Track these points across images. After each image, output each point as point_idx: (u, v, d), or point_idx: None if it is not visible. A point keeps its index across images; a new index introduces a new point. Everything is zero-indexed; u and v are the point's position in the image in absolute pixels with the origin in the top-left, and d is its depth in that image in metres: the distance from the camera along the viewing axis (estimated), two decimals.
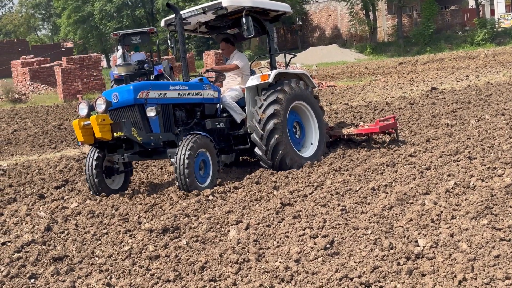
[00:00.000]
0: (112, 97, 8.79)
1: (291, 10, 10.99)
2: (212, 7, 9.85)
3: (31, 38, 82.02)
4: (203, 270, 5.55)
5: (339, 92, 22.16)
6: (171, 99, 9.29)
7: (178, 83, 9.57)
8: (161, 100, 9.05)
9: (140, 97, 8.72)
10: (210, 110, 9.97)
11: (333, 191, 7.83)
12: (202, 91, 9.79)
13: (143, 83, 8.97)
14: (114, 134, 8.47)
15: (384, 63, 36.82)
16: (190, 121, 9.75)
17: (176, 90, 9.39)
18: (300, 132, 10.63)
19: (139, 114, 8.78)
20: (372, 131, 10.84)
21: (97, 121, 8.32)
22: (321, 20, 59.80)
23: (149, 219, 7.52)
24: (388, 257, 5.40)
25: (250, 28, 9.80)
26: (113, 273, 5.75)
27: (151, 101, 8.86)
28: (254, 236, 6.34)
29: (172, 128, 9.28)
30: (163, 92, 9.13)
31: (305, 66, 40.14)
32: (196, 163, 8.67)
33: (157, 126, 8.96)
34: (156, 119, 8.88)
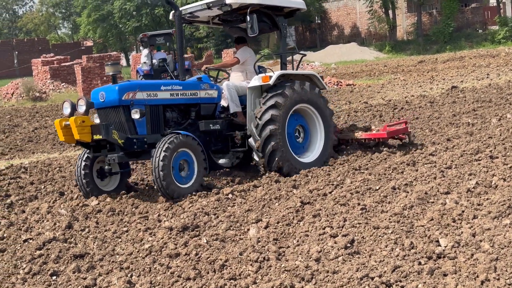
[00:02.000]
0: (99, 96, 8.64)
1: (304, 6, 10.60)
2: (216, 3, 9.59)
3: (52, 37, 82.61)
4: (223, 269, 5.55)
5: (358, 91, 22.08)
6: (161, 100, 9.04)
7: (171, 83, 9.33)
8: (149, 101, 8.83)
9: (126, 98, 8.52)
10: (207, 110, 9.69)
11: (353, 190, 7.80)
12: (198, 91, 9.48)
13: (131, 83, 8.80)
14: (94, 137, 8.35)
15: (404, 61, 36.62)
16: (184, 122, 9.51)
17: (168, 91, 9.12)
18: (304, 136, 10.17)
19: (123, 115, 8.59)
20: (380, 136, 10.40)
21: (75, 122, 8.20)
22: (340, 19, 59.60)
23: (169, 217, 7.55)
24: (409, 257, 5.37)
25: (254, 27, 9.41)
26: (133, 271, 5.78)
27: (138, 102, 8.64)
28: (274, 235, 6.33)
29: (161, 129, 9.03)
30: (152, 92, 8.89)
31: (324, 64, 40.06)
32: (175, 164, 8.37)
33: (143, 128, 8.77)
34: (142, 120, 8.67)
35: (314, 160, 9.86)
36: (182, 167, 8.54)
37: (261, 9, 9.89)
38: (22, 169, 11.39)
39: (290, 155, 9.48)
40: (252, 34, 9.54)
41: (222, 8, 9.58)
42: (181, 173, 8.50)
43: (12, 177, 10.63)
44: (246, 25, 9.48)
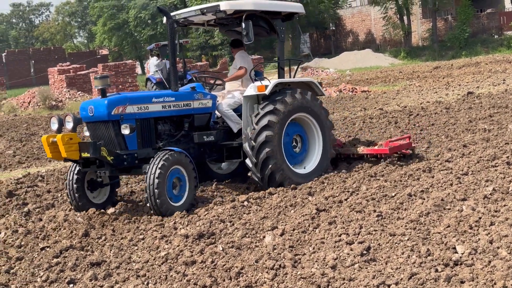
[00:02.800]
0: (88, 110, 8.31)
1: (303, 10, 10.26)
2: (211, 9, 9.23)
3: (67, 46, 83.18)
4: (239, 276, 5.56)
5: (373, 97, 22.02)
6: (153, 113, 8.68)
7: (163, 94, 8.95)
8: (140, 115, 8.49)
9: (116, 113, 8.17)
10: (201, 121, 9.34)
11: (369, 197, 7.78)
12: (192, 101, 9.11)
13: (121, 97, 8.40)
14: (82, 154, 8.09)
15: (419, 67, 36.48)
16: (177, 134, 9.18)
17: (160, 103, 8.74)
18: (302, 146, 9.83)
19: (113, 130, 8.25)
20: (382, 152, 9.98)
21: (63, 140, 7.94)
22: (355, 25, 59.52)
23: (184, 224, 7.56)
24: (425, 264, 5.34)
25: (250, 34, 9.00)
26: (150, 278, 5.80)
27: (128, 116, 8.30)
28: (290, 242, 6.33)
29: (152, 143, 8.72)
30: (143, 105, 8.53)
31: (338, 71, 40.02)
32: (169, 182, 8.07)
33: (134, 143, 8.43)
34: (132, 136, 8.33)
35: (310, 171, 9.57)
36: (175, 185, 8.24)
37: (257, 13, 9.54)
38: (39, 178, 11.46)
39: (285, 164, 9.19)
40: (247, 42, 9.12)
41: (216, 14, 9.31)
42: (173, 190, 8.22)
43: (29, 185, 10.70)
44: (241, 32, 9.16)
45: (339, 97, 23.28)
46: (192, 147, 9.21)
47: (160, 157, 7.99)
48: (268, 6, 9.69)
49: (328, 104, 20.70)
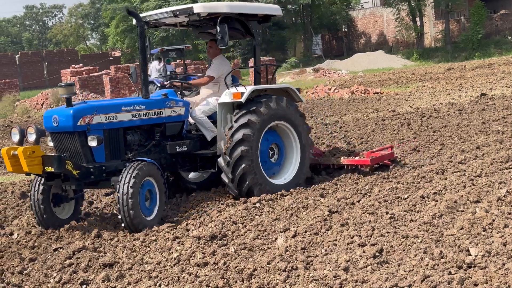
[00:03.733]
0: (52, 120, 7.75)
1: (280, 12, 9.78)
2: (184, 11, 8.77)
3: (80, 48, 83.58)
4: (251, 278, 5.56)
5: (386, 99, 21.96)
6: (122, 123, 8.13)
7: (133, 102, 8.36)
8: (108, 125, 7.95)
9: (82, 124, 7.63)
10: (174, 129, 8.86)
11: (381, 198, 7.76)
12: (163, 109, 8.60)
13: (87, 107, 7.82)
14: (45, 169, 7.51)
15: (432, 69, 36.36)
16: (147, 144, 8.63)
17: (130, 111, 8.19)
18: (279, 154, 9.38)
19: (79, 142, 7.70)
20: (363, 163, 9.64)
21: (24, 154, 7.34)
22: (367, 27, 59.42)
23: (197, 226, 7.57)
24: (439, 266, 5.32)
25: (225, 38, 8.52)
26: (162, 279, 5.80)
27: (95, 127, 7.76)
28: (302, 244, 6.32)
29: (121, 155, 8.18)
30: (112, 115, 7.98)
31: (351, 72, 39.95)
32: (142, 194, 7.56)
33: (101, 155, 7.90)
34: (99, 147, 7.78)
35: (289, 181, 9.18)
36: (146, 198, 7.72)
37: (233, 16, 9.11)
38: None
39: (262, 178, 8.79)
40: (222, 46, 8.67)
41: (189, 17, 8.86)
42: (146, 203, 7.72)
43: None
44: (216, 36, 8.70)
45: (351, 99, 23.24)
46: (164, 157, 8.77)
47: (133, 167, 7.48)
48: (243, 8, 9.27)
49: (340, 106, 20.69)
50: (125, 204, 7.33)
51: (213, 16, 8.89)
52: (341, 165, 9.91)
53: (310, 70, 42.03)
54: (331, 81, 34.36)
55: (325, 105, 21.72)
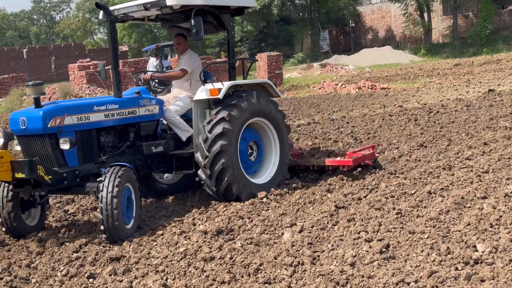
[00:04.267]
0: (20, 123, 7.19)
1: (254, 4, 9.40)
2: (156, 4, 8.27)
3: (88, 42, 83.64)
4: (257, 273, 5.56)
5: (393, 94, 21.91)
6: (94, 123, 7.64)
7: (106, 102, 7.87)
8: (81, 126, 7.44)
9: (52, 125, 7.10)
10: (148, 129, 8.42)
11: (388, 194, 7.75)
12: (137, 108, 8.15)
13: (58, 107, 7.30)
14: (15, 175, 6.92)
15: (439, 64, 36.24)
16: (121, 145, 8.16)
17: (102, 111, 7.70)
18: (258, 153, 9.04)
19: (50, 146, 7.18)
20: (345, 163, 9.26)
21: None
22: (375, 22, 59.25)
23: (203, 220, 7.58)
24: (445, 262, 5.31)
25: (200, 32, 8.07)
26: (168, 274, 5.82)
27: (67, 128, 7.25)
28: (309, 239, 6.32)
29: (94, 157, 7.69)
30: (84, 115, 7.47)
31: (358, 68, 39.86)
32: (123, 202, 7.07)
33: (74, 159, 7.38)
34: (72, 150, 7.28)
35: (268, 181, 8.86)
36: (126, 205, 7.22)
37: (205, 8, 8.64)
38: None
39: (242, 175, 8.41)
40: (197, 40, 8.14)
41: (162, 10, 8.35)
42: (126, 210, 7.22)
43: None
44: (190, 29, 8.25)
45: (359, 94, 23.20)
46: (139, 159, 8.31)
47: (114, 173, 6.97)
48: (218, 0, 8.77)
49: (347, 101, 20.66)
50: (109, 214, 6.81)
51: (186, 8, 8.46)
52: (321, 166, 9.56)
53: (317, 65, 41.96)
54: (338, 76, 34.30)
55: (332, 100, 21.69)
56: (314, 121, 15.89)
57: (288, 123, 15.73)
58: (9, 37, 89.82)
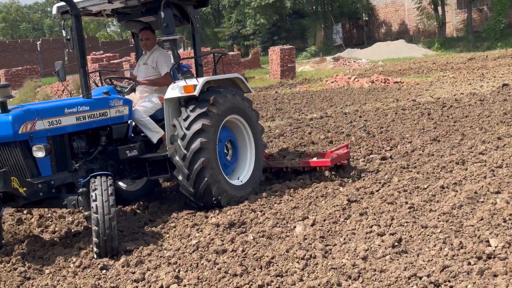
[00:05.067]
0: None
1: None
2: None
3: (101, 35, 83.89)
4: (269, 265, 5.57)
5: (406, 88, 21.82)
6: (66, 128, 6.97)
7: (76, 104, 7.16)
8: (53, 131, 6.77)
9: (23, 131, 6.41)
10: (120, 132, 7.75)
11: (401, 188, 7.73)
12: (108, 110, 7.49)
13: (28, 111, 6.55)
14: None
15: (453, 58, 36.02)
16: (93, 151, 7.49)
17: (73, 114, 7.02)
18: (233, 153, 8.50)
19: (21, 154, 6.46)
20: (323, 164, 8.95)
21: None
22: (388, 15, 58.95)
23: (216, 213, 7.60)
24: (458, 257, 5.29)
25: (171, 25, 7.54)
26: (181, 266, 5.84)
27: (39, 134, 6.57)
28: (321, 233, 6.32)
29: (68, 165, 7.02)
30: (55, 119, 6.80)
31: (371, 62, 39.72)
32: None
33: (48, 168, 6.71)
34: (45, 159, 6.60)
35: (245, 182, 8.36)
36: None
37: (170, 0, 8.09)
38: None
39: (221, 175, 7.87)
40: (168, 34, 7.60)
41: (127, 3, 7.72)
42: None
43: None
44: (160, 23, 7.63)
45: (371, 88, 23.12)
46: (111, 165, 7.67)
47: (105, 182, 6.29)
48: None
49: (360, 95, 20.60)
50: (107, 226, 6.12)
51: (149, 0, 7.93)
52: (296, 167, 9.19)
53: (330, 59, 41.84)
54: (351, 70, 34.19)
55: (345, 94, 21.64)
56: (326, 114, 15.86)
57: (300, 116, 15.82)
58: (23, 30, 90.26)
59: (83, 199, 6.37)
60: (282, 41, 49.71)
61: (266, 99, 21.49)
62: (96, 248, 6.20)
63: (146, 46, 8.61)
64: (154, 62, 8.44)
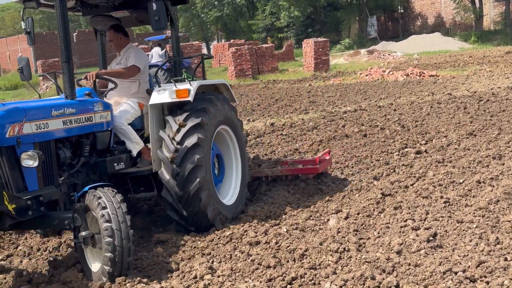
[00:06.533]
0: None
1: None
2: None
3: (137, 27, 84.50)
4: (303, 258, 5.57)
5: (442, 82, 21.57)
6: (54, 133, 5.75)
7: (62, 104, 5.94)
8: (40, 136, 5.54)
9: (11, 135, 5.21)
10: (104, 141, 6.53)
11: (436, 182, 7.66)
12: (93, 114, 6.26)
13: (15, 110, 5.38)
14: None
15: (490, 52, 35.47)
16: (75, 162, 6.18)
17: (60, 117, 5.80)
18: (219, 167, 7.51)
19: (6, 163, 5.22)
20: (313, 172, 8.38)
21: None
22: (424, 8, 58.26)
23: (249, 205, 7.61)
24: (494, 252, 5.22)
25: (163, 19, 6.49)
26: (214, 257, 5.88)
27: (27, 139, 5.37)
28: (354, 226, 6.30)
29: (54, 178, 5.76)
30: (42, 122, 5.58)
31: (406, 55, 39.34)
32: None
33: (34, 181, 5.46)
34: (32, 170, 5.40)
35: (236, 200, 7.39)
36: None
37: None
38: None
39: (215, 195, 6.90)
40: (159, 29, 6.51)
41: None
42: None
43: None
44: (150, 17, 6.51)
45: (406, 81, 22.90)
46: (93, 179, 6.34)
47: (110, 191, 5.37)
48: None
49: (395, 88, 20.42)
50: (124, 236, 5.19)
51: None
52: (277, 176, 8.40)
53: (364, 51, 41.55)
54: (386, 63, 33.91)
55: (379, 87, 21.47)
56: (360, 108, 15.76)
57: (334, 109, 15.75)
58: None
59: (80, 216, 5.26)
60: (316, 34, 49.47)
61: (300, 91, 21.44)
62: (109, 266, 5.17)
63: (117, 45, 7.44)
64: (127, 60, 7.30)
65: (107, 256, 5.14)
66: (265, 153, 10.67)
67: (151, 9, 6.44)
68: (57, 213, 5.59)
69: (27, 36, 6.66)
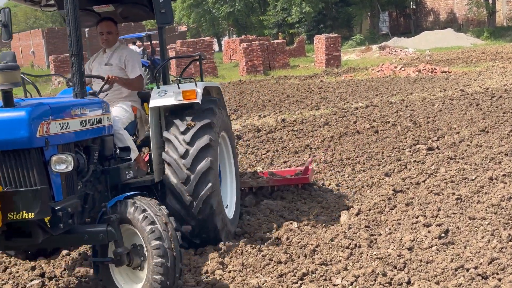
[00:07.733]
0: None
1: None
2: None
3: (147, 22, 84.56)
4: (314, 254, 5.57)
5: (454, 78, 21.47)
6: (73, 134, 4.98)
7: (78, 103, 5.18)
8: (64, 137, 4.81)
9: (41, 135, 4.48)
10: (110, 146, 5.67)
11: (448, 179, 7.63)
12: (102, 116, 5.49)
13: (40, 105, 4.62)
14: (9, 216, 4.27)
15: (503, 48, 35.25)
16: (86, 170, 5.24)
17: (78, 117, 5.05)
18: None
19: (37, 167, 4.49)
20: (303, 182, 7.82)
21: None
22: (436, 4, 57.97)
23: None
24: (507, 249, 5.21)
25: (169, 13, 5.75)
26: (226, 252, 5.88)
27: (54, 140, 4.64)
28: (366, 222, 6.30)
29: (75, 187, 4.94)
30: (65, 121, 4.85)
31: (418, 51, 39.18)
32: None
33: (60, 190, 4.67)
34: (58, 177, 4.62)
35: (235, 212, 6.76)
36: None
37: None
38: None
39: (223, 204, 6.30)
40: (165, 24, 5.84)
41: None
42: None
43: None
44: (155, 10, 5.75)
45: (418, 77, 22.81)
46: (99, 190, 5.45)
47: (160, 210, 4.71)
48: None
49: (407, 84, 20.35)
50: (177, 268, 4.59)
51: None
52: (263, 186, 7.83)
53: (376, 47, 41.41)
54: (398, 59, 33.78)
55: (391, 83, 21.40)
56: (372, 104, 15.72)
57: (345, 105, 15.72)
58: None
59: (115, 230, 4.60)
60: (328, 30, 49.36)
61: (311, 87, 21.40)
62: (161, 275, 4.50)
63: (107, 41, 6.64)
64: (122, 62, 6.55)
65: (157, 279, 4.49)
66: (276, 149, 10.67)
67: (156, 1, 5.70)
68: (87, 227, 4.82)
69: (3, 29, 5.85)
